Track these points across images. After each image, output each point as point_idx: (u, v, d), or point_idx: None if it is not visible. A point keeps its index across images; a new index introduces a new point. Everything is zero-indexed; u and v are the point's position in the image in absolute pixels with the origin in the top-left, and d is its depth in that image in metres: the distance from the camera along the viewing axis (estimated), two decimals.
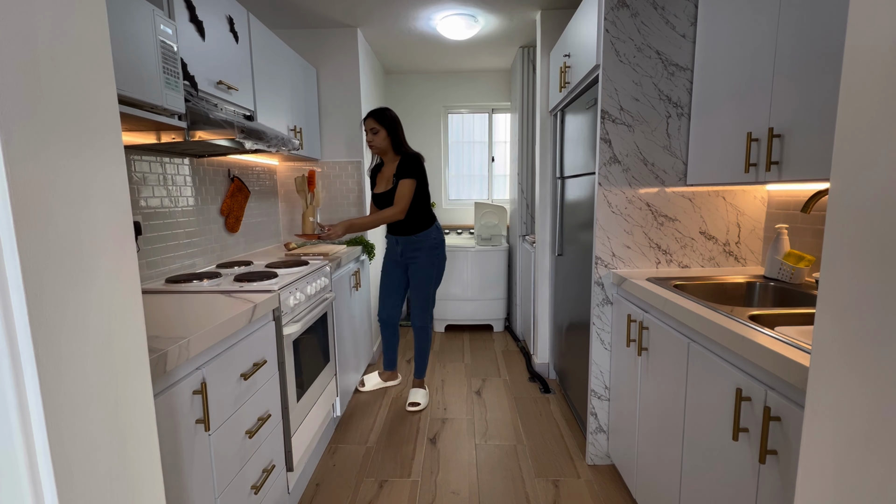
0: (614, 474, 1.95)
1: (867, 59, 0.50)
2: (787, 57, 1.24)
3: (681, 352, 1.32)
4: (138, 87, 1.21)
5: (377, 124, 2.38)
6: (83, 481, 0.48)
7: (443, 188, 4.26)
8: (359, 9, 2.68)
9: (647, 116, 1.79)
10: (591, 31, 1.86)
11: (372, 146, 2.45)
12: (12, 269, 0.41)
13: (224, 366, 1.20)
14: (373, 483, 1.92)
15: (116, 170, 0.54)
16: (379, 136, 2.40)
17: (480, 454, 2.12)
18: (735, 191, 1.84)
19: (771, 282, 1.60)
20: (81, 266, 0.48)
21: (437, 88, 4.09)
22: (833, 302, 0.54)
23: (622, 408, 1.81)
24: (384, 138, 2.40)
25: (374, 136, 2.40)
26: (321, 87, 3.02)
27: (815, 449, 0.57)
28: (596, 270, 1.90)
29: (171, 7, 1.51)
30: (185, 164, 1.99)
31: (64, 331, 0.46)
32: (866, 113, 0.50)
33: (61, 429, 0.45)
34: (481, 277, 3.82)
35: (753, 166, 1.37)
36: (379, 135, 2.40)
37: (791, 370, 0.87)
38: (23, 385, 0.42)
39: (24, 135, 0.42)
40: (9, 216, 0.40)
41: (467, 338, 3.80)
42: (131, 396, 0.56)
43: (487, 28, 3.00)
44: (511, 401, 2.66)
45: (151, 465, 0.60)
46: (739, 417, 1.04)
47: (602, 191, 1.84)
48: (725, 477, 1.11)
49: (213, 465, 1.14)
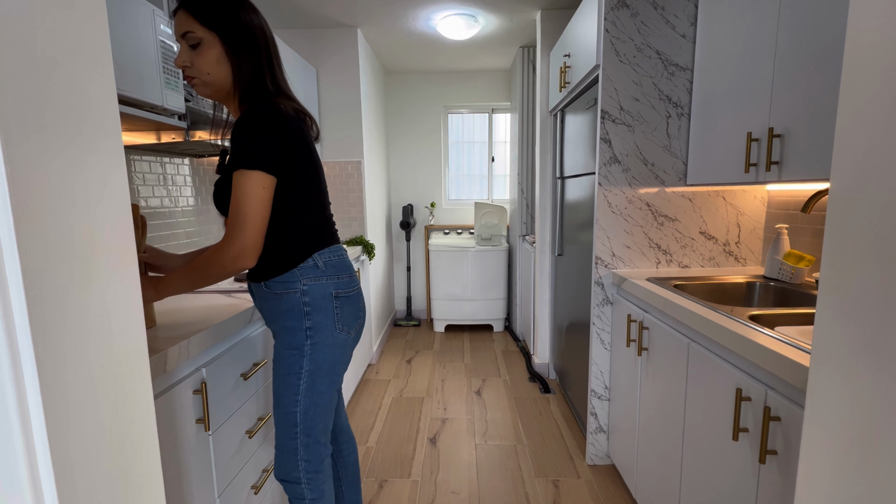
0: (614, 474, 1.95)
1: (867, 59, 0.50)
2: (787, 57, 1.24)
3: (681, 352, 1.32)
4: (138, 87, 1.21)
5: (197, 24, 1.01)
6: (83, 481, 0.48)
7: (443, 188, 4.26)
8: (359, 9, 2.68)
9: (647, 116, 1.79)
10: (591, 31, 1.86)
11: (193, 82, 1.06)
12: (12, 269, 0.41)
13: (224, 366, 1.20)
14: (373, 483, 1.92)
15: (116, 170, 0.54)
16: (202, 57, 1.03)
17: (480, 454, 2.12)
18: (735, 191, 1.84)
19: (771, 282, 1.60)
20: (81, 266, 0.48)
21: (437, 88, 4.09)
22: (833, 302, 0.54)
23: (622, 408, 1.81)
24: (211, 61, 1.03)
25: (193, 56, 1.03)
26: (321, 87, 3.02)
27: (815, 449, 0.57)
28: (596, 270, 1.90)
29: (171, 7, 1.51)
30: (185, 164, 1.99)
31: (64, 331, 0.46)
32: (866, 112, 0.50)
33: (61, 429, 0.45)
34: (481, 277, 3.82)
35: (753, 166, 1.37)
36: (201, 52, 1.03)
37: (791, 370, 0.87)
38: (23, 385, 0.42)
39: (24, 135, 0.42)
40: (9, 216, 0.40)
41: (467, 338, 3.80)
42: (131, 396, 0.56)
43: (487, 28, 3.00)
44: (511, 401, 2.66)
45: (151, 465, 0.60)
46: (739, 417, 1.04)
47: (602, 191, 1.84)
48: (725, 477, 1.11)
49: (213, 465, 1.14)
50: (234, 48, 1.04)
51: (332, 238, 1.19)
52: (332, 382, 1.16)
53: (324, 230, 1.16)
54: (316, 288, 1.11)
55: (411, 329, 4.06)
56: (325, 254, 1.14)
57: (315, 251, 1.12)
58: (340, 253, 1.18)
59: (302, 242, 1.11)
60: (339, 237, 1.23)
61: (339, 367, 1.17)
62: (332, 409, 1.18)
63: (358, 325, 1.20)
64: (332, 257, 1.15)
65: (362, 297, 1.23)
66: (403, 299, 4.33)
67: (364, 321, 1.24)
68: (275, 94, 1.09)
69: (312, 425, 1.14)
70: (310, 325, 1.10)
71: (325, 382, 1.14)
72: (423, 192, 4.23)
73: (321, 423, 1.15)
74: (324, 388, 1.14)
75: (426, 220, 4.25)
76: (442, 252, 3.81)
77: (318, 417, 1.14)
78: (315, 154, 1.14)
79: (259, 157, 0.98)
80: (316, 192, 1.14)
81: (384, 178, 3.92)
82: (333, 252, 1.16)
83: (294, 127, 1.05)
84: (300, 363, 1.11)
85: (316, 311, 1.11)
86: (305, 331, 1.11)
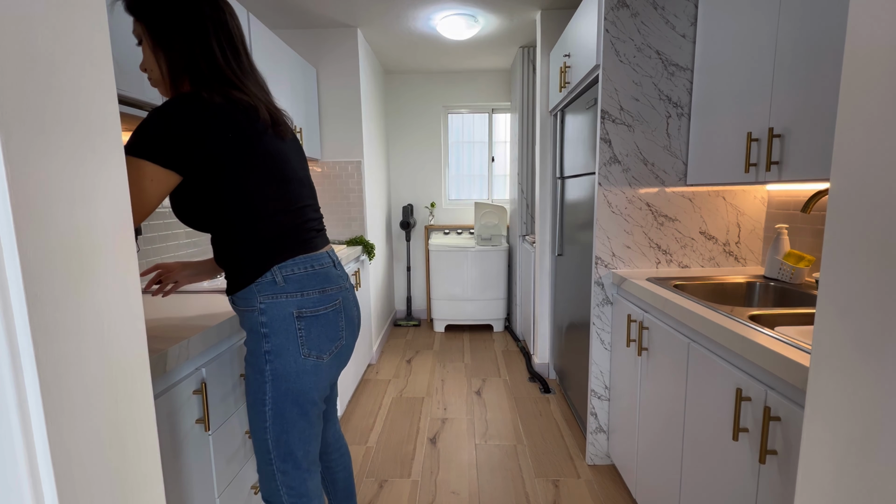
0: (614, 474, 1.95)
1: (867, 59, 0.50)
2: (787, 57, 1.24)
3: (681, 352, 1.32)
4: (138, 87, 1.21)
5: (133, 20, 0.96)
6: (83, 481, 0.48)
7: (443, 188, 4.26)
8: (359, 9, 2.68)
9: (647, 116, 1.79)
10: (591, 31, 1.86)
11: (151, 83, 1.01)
12: (12, 269, 0.41)
13: (224, 366, 1.20)
14: (373, 483, 1.92)
15: (116, 170, 0.54)
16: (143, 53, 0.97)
17: (480, 454, 2.12)
18: (735, 191, 1.84)
19: (771, 282, 1.60)
20: (81, 266, 0.48)
21: (436, 88, 4.09)
22: (833, 302, 0.54)
23: (622, 408, 1.81)
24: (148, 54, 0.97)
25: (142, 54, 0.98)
26: (321, 87, 3.02)
27: (815, 449, 0.57)
28: (596, 270, 1.90)
29: None
30: None
31: (64, 331, 0.46)
32: (866, 112, 0.50)
33: (61, 429, 0.45)
34: (481, 277, 3.82)
35: (753, 166, 1.37)
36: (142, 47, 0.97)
37: (791, 370, 0.87)
38: (23, 385, 0.42)
39: (24, 135, 0.42)
40: (9, 216, 0.40)
41: (467, 338, 3.80)
42: (131, 396, 0.56)
43: (487, 28, 3.00)
44: (511, 401, 2.66)
45: (151, 465, 0.60)
46: (739, 417, 1.04)
47: (602, 191, 1.84)
48: (725, 477, 1.11)
49: (213, 465, 1.14)
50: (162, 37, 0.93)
51: (301, 246, 1.02)
52: (304, 411, 1.02)
53: (287, 238, 1.00)
54: (273, 307, 0.97)
55: (411, 329, 4.06)
56: (286, 266, 0.99)
57: (274, 264, 0.98)
58: (310, 264, 1.01)
59: (254, 254, 0.97)
60: (317, 243, 1.07)
61: (311, 395, 1.02)
62: (310, 435, 1.05)
63: (335, 346, 1.05)
64: (295, 270, 0.99)
65: (344, 313, 1.07)
66: (403, 299, 4.33)
67: (347, 340, 1.09)
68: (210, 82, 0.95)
69: (288, 452, 1.03)
70: (268, 349, 0.98)
71: (293, 411, 1.00)
72: (423, 192, 4.23)
73: (299, 449, 1.04)
74: (294, 417, 1.01)
75: (426, 220, 4.25)
76: (442, 252, 3.81)
77: (293, 444, 1.02)
78: (267, 150, 0.98)
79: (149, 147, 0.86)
80: (271, 194, 0.98)
81: (384, 178, 3.92)
82: (299, 264, 1.00)
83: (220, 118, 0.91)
84: (263, 389, 0.99)
85: (274, 334, 0.97)
86: (264, 355, 0.98)
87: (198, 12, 0.95)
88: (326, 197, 3.11)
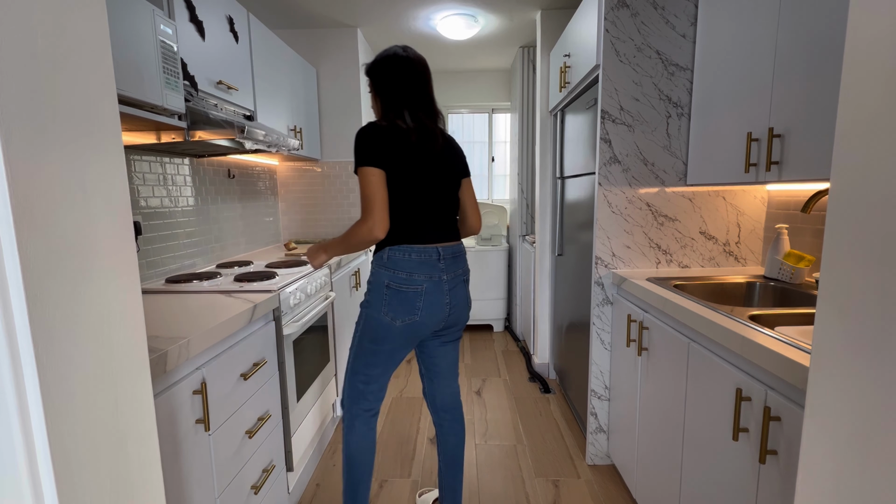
0: (614, 474, 1.95)
1: (867, 59, 0.50)
2: (787, 57, 1.24)
3: (681, 352, 1.32)
4: (138, 87, 1.21)
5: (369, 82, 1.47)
6: (83, 481, 0.48)
7: None
8: (359, 9, 2.68)
9: (647, 116, 1.79)
10: (591, 31, 1.86)
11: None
12: (12, 269, 0.41)
13: (224, 366, 1.20)
14: (373, 483, 1.92)
15: (116, 170, 0.54)
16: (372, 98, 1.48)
17: (480, 454, 2.12)
18: (735, 191, 1.84)
19: (771, 282, 1.60)
20: (81, 266, 0.48)
21: (437, 88, 4.07)
22: (833, 302, 0.54)
23: (622, 408, 1.81)
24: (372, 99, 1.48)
25: None
26: (321, 87, 3.02)
27: (815, 449, 0.57)
28: (596, 270, 1.90)
29: (171, 7, 1.51)
30: (185, 164, 1.99)
31: (64, 331, 0.46)
32: (866, 113, 0.50)
33: (61, 429, 0.45)
34: (481, 277, 3.82)
35: (753, 166, 1.37)
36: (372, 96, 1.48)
37: (791, 370, 0.87)
38: (23, 385, 0.42)
39: (24, 135, 0.42)
40: (9, 216, 0.40)
41: (467, 338, 3.80)
42: (131, 396, 0.56)
43: (487, 28, 3.00)
44: (511, 401, 2.66)
45: (151, 465, 0.60)
46: (739, 417, 1.04)
47: (602, 191, 1.84)
48: (725, 477, 1.11)
49: (213, 465, 1.14)
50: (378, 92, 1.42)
51: (413, 237, 1.36)
52: (376, 348, 1.40)
53: (406, 229, 1.35)
54: (377, 274, 1.38)
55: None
56: (394, 249, 1.35)
57: (389, 245, 1.36)
58: (409, 252, 1.35)
59: (388, 236, 1.36)
60: (429, 238, 1.37)
61: (383, 344, 1.39)
62: (378, 367, 1.42)
63: (409, 318, 1.36)
64: (396, 254, 1.35)
65: (425, 297, 1.36)
66: None
67: (424, 319, 1.37)
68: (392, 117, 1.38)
69: (356, 369, 1.43)
70: (368, 300, 1.40)
71: (370, 344, 1.40)
72: None
73: (364, 371, 1.42)
74: (368, 348, 1.40)
75: None
76: None
77: (361, 365, 1.42)
78: (412, 160, 1.34)
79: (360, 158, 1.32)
80: (407, 194, 1.34)
81: None
82: (402, 250, 1.35)
83: (387, 138, 1.33)
84: (359, 323, 1.43)
85: (373, 291, 1.38)
86: (367, 302, 1.40)
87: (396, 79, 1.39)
88: (326, 197, 3.11)
